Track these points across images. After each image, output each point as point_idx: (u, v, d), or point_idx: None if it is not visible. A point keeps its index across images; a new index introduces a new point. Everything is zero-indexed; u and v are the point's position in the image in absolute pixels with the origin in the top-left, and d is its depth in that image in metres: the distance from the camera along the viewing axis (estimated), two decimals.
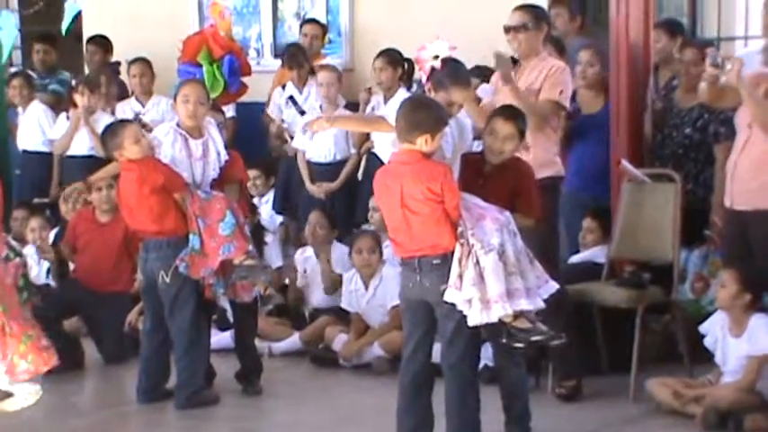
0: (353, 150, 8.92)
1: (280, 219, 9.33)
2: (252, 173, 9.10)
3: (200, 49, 7.71)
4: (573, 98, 7.49)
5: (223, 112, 7.51)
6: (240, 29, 10.01)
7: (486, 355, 6.19)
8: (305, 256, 8.43)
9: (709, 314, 6.61)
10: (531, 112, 6.28)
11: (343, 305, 7.87)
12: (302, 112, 9.12)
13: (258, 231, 8.44)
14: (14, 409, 6.01)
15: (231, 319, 7.43)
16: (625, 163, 7.15)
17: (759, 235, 6.42)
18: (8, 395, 5.98)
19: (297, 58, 9.27)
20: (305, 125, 5.95)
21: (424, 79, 5.79)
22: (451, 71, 5.74)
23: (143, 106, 9.65)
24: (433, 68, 5.73)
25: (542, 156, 6.44)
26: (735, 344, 6.32)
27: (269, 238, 8.60)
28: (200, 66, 7.76)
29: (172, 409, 6.78)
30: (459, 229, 5.46)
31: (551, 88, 6.54)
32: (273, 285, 8.32)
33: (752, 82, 6.42)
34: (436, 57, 5.71)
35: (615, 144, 7.38)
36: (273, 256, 8.55)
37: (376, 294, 7.64)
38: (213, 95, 7.46)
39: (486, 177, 5.83)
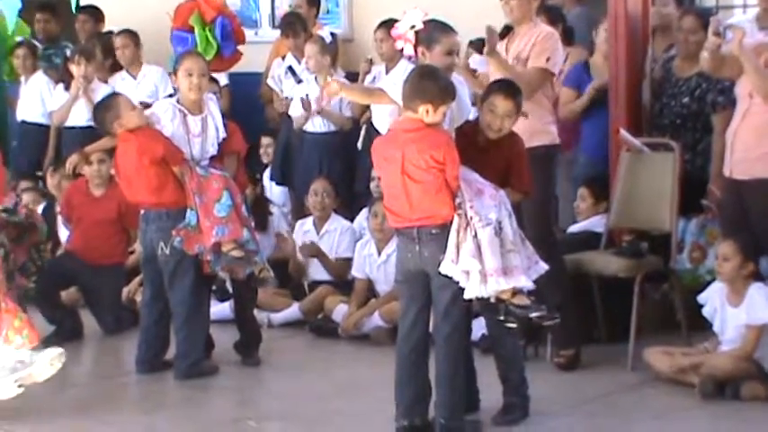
0: (348, 114, 8.89)
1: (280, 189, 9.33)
2: (265, 140, 9.11)
3: (191, 13, 7.66)
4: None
5: (217, 82, 7.48)
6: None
7: (483, 324, 6.20)
8: (304, 230, 8.42)
9: (707, 283, 6.63)
10: (519, 81, 6.28)
11: (354, 272, 7.87)
12: (300, 82, 9.10)
13: (261, 203, 8.45)
14: (44, 377, 5.97)
15: (230, 290, 7.43)
16: (623, 132, 7.15)
17: (756, 203, 6.42)
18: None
19: (293, 27, 9.23)
20: (321, 90, 5.95)
21: (410, 52, 5.79)
22: (435, 25, 5.78)
23: (134, 78, 9.60)
24: (417, 33, 5.75)
25: (536, 124, 6.42)
26: (733, 313, 6.33)
27: (274, 209, 8.60)
28: (193, 30, 7.72)
29: (171, 380, 6.80)
30: (458, 201, 5.47)
31: (538, 56, 6.52)
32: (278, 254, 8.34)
33: (753, 51, 6.41)
34: (413, 27, 5.75)
35: (614, 113, 7.37)
36: (281, 230, 8.57)
37: (388, 261, 7.57)
38: (206, 59, 7.43)
39: (481, 150, 5.81)
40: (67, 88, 9.50)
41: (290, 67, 9.26)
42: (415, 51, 5.78)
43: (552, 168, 6.69)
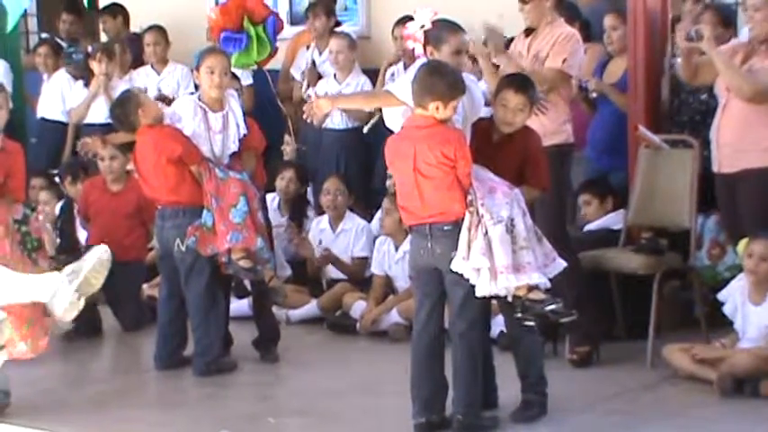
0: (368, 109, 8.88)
1: None
2: (287, 138, 9.09)
3: (241, 15, 7.67)
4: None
5: (238, 79, 7.48)
6: None
7: (502, 321, 6.20)
8: (320, 228, 8.42)
9: (726, 280, 6.60)
10: (535, 80, 6.30)
11: (373, 268, 7.88)
12: (319, 75, 9.09)
13: (302, 203, 8.43)
14: (99, 281, 5.71)
15: (249, 287, 7.44)
16: (642, 129, 7.13)
17: (745, 193, 6.45)
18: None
19: (315, 8, 9.21)
20: (306, 107, 5.97)
21: (420, 51, 5.80)
22: (444, 24, 5.80)
23: (158, 74, 9.64)
24: (426, 33, 5.78)
25: (550, 125, 6.45)
26: (755, 312, 6.31)
27: (311, 212, 8.60)
28: (245, 31, 7.72)
29: (190, 376, 6.81)
30: (469, 198, 5.48)
31: (555, 56, 6.57)
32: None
33: (729, 52, 6.53)
34: (422, 26, 5.79)
35: (632, 110, 7.36)
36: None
37: (405, 257, 7.48)
38: (260, 59, 7.47)
39: (496, 146, 5.83)
40: (87, 85, 9.53)
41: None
42: (425, 51, 5.79)
43: (566, 167, 6.72)
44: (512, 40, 6.87)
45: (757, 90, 6.41)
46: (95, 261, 5.63)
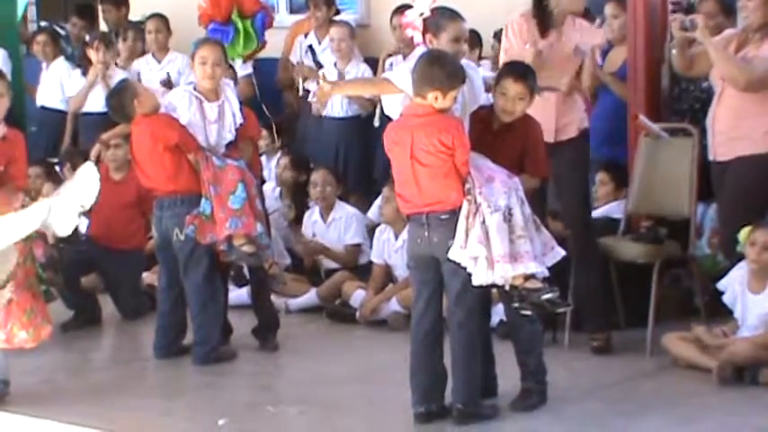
0: (367, 96, 8.88)
1: None
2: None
3: (230, 6, 7.66)
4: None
5: (233, 69, 7.47)
6: None
7: (501, 309, 6.20)
8: (312, 220, 8.41)
9: (726, 269, 6.60)
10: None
11: (372, 257, 7.87)
12: (318, 65, 9.07)
13: (302, 193, 8.42)
14: (93, 193, 5.95)
15: (248, 276, 7.43)
16: (642, 117, 7.13)
17: (740, 181, 6.49)
18: None
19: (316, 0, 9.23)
20: (312, 99, 5.98)
21: (419, 39, 5.80)
22: (443, 12, 5.80)
23: (159, 63, 9.63)
24: (425, 20, 5.77)
25: (579, 112, 6.64)
26: (755, 300, 6.31)
27: (311, 202, 8.59)
28: (233, 24, 7.72)
29: (189, 365, 6.81)
30: (467, 186, 5.47)
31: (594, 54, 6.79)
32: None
33: (722, 42, 6.55)
34: (421, 14, 5.79)
35: (632, 98, 7.36)
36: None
37: (405, 246, 7.56)
38: (246, 52, 7.43)
39: (496, 135, 5.83)
40: (85, 74, 9.51)
41: (310, 46, 9.25)
42: (424, 39, 5.79)
43: (589, 152, 6.76)
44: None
45: (752, 79, 6.41)
46: (82, 175, 5.87)
